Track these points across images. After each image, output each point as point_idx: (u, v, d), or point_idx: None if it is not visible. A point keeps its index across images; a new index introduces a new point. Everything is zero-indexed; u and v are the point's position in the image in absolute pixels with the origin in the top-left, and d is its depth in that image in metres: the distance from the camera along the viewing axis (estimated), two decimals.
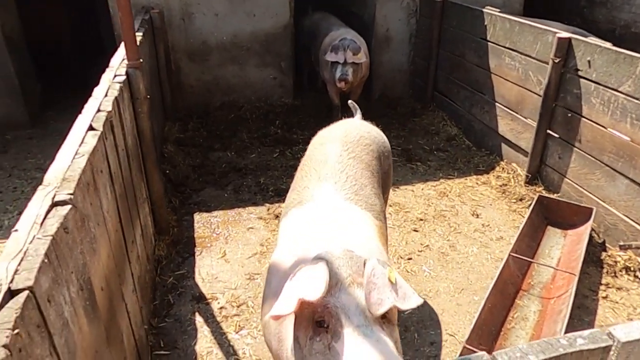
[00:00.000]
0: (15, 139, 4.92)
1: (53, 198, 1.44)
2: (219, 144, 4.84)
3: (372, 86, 5.74)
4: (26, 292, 1.09)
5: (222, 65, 5.39)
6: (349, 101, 2.83)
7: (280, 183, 4.16)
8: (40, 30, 5.98)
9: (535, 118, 3.81)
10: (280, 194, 3.98)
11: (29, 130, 5.09)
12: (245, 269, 3.16)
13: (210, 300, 2.89)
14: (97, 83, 2.54)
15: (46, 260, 1.21)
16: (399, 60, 5.81)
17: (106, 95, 2.29)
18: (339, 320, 1.16)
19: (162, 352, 2.53)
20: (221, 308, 2.83)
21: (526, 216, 3.27)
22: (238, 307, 2.84)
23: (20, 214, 3.73)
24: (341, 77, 4.32)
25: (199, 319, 2.75)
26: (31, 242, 1.25)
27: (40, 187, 1.50)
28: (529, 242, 3.22)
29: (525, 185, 3.96)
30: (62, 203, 1.42)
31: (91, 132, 1.90)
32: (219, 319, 2.76)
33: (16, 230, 1.29)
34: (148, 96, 2.91)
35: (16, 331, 1.00)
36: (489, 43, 4.38)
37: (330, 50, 4.41)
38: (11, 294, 1.10)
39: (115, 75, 2.60)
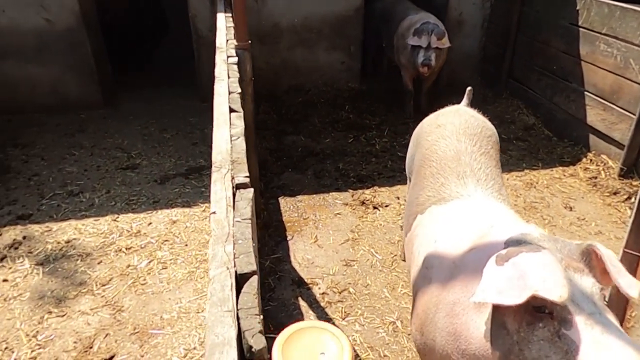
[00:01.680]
0: (90, 119, 4.99)
1: (232, 180, 1.42)
2: (291, 128, 4.81)
3: (440, 72, 5.59)
4: (255, 277, 1.07)
5: (292, 49, 5.33)
6: (468, 88, 2.74)
7: (359, 169, 4.11)
8: (106, 11, 6.02)
9: (634, 109, 3.63)
10: (362, 180, 3.93)
11: (102, 110, 5.16)
12: (340, 255, 3.13)
13: (310, 286, 2.87)
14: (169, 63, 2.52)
15: (254, 245, 1.19)
16: (470, 45, 5.64)
17: (229, 77, 2.26)
18: (566, 307, 1.11)
19: (272, 335, 2.53)
20: (323, 294, 2.81)
21: (634, 210, 3.13)
22: (339, 293, 2.82)
23: (108, 192, 3.78)
24: (424, 62, 4.21)
25: (302, 304, 2.74)
26: (233, 225, 1.23)
27: (214, 169, 1.48)
28: (635, 239, 3.08)
29: (620, 179, 3.80)
30: (244, 186, 1.40)
31: (234, 114, 1.87)
32: (322, 304, 2.74)
33: (214, 213, 1.27)
34: (252, 78, 2.88)
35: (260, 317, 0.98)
36: (580, 29, 4.19)
37: (413, 34, 4.29)
38: (237, 278, 1.08)
39: (227, 57, 2.57)
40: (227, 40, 2.89)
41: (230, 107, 1.92)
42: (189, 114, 5.15)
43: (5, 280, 2.90)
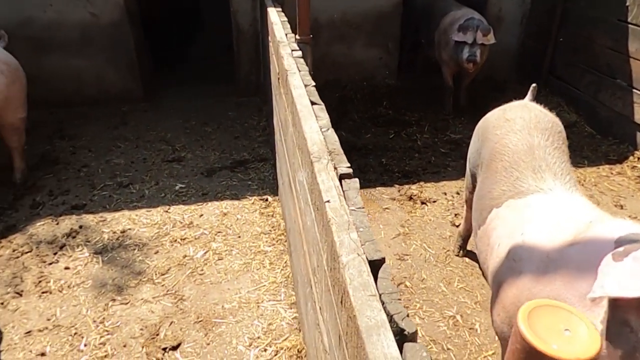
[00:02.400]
0: (132, 112, 5.07)
1: (335, 170, 1.44)
2: (331, 123, 4.82)
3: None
4: (386, 264, 1.09)
5: (330, 44, 5.34)
6: (533, 85, 2.73)
7: (403, 165, 4.11)
8: (145, 6, 6.09)
9: None
10: (407, 176, 3.93)
11: (142, 103, 5.23)
12: (393, 249, 3.15)
13: None
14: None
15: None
16: (508, 41, 5.59)
17: (300, 71, 2.29)
18: None
19: None
20: None
21: None
22: (397, 286, 2.84)
23: (157, 184, 3.83)
24: (470, 58, 4.19)
25: None
26: (352, 212, 1.25)
27: (314, 160, 1.50)
28: None
29: None
30: (348, 176, 1.42)
31: (316, 107, 1.90)
32: None
33: (328, 201, 1.29)
34: (311, 72, 2.89)
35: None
36: (629, 25, 4.13)
37: (457, 30, 4.27)
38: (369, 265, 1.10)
39: (292, 50, 2.60)
40: (287, 34, 2.92)
41: (311, 100, 1.94)
42: (227, 108, 5.20)
43: (67, 268, 2.96)
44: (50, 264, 3.00)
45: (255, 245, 3.14)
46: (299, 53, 2.57)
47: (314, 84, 2.13)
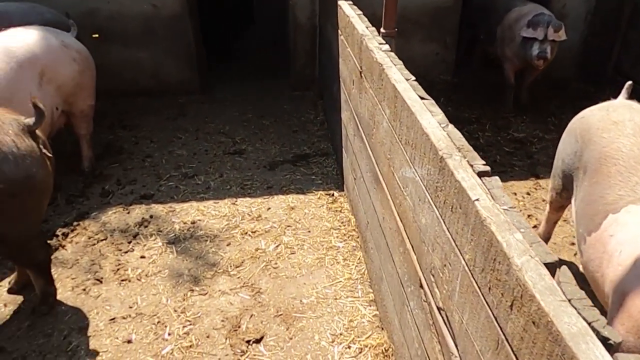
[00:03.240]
0: (188, 103, 5.10)
1: (472, 167, 1.39)
2: None
3: None
4: (565, 267, 1.04)
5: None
6: (628, 82, 2.62)
7: None
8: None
9: None
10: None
11: (198, 95, 5.26)
12: None
13: None
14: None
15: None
16: (570, 38, 5.37)
17: (395, 65, 2.24)
18: None
19: None
20: None
21: None
22: None
23: (221, 176, 3.84)
24: (540, 55, 4.07)
25: None
26: (506, 212, 1.20)
27: (445, 156, 1.45)
28: None
29: None
30: (486, 174, 1.37)
31: (426, 101, 1.85)
32: None
33: (477, 200, 1.25)
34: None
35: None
36: None
37: (527, 25, 4.15)
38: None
39: (380, 44, 2.55)
40: (367, 27, 2.87)
41: (419, 95, 1.89)
42: (281, 101, 5.19)
43: (142, 257, 3.00)
44: (126, 252, 3.04)
45: (327, 240, 3.12)
46: (387, 47, 2.52)
47: (414, 78, 2.08)
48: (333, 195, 3.58)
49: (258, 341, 2.43)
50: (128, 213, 3.39)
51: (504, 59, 4.71)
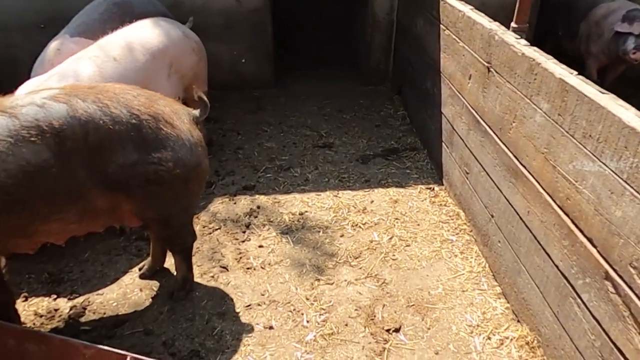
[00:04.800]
0: (264, 97, 5.17)
1: None
2: None
3: None
4: None
5: None
6: None
7: None
8: None
9: None
10: None
11: (273, 89, 5.32)
12: None
13: None
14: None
15: None
16: None
17: (547, 59, 2.25)
18: None
19: None
20: None
21: None
22: None
23: (316, 169, 3.88)
24: (638, 49, 4.04)
25: None
26: None
27: None
28: None
29: None
30: None
31: (608, 95, 1.86)
32: None
33: None
34: None
35: None
36: None
37: (622, 20, 4.12)
38: None
39: (516, 39, 2.56)
40: (490, 22, 2.88)
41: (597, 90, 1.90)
42: (356, 96, 5.22)
43: (260, 246, 3.06)
44: (243, 241, 3.11)
45: (438, 233, 3.15)
46: (525, 41, 2.53)
47: (576, 73, 2.09)
48: (433, 189, 3.60)
49: (397, 330, 2.47)
50: (235, 203, 3.46)
51: (588, 55, 4.68)
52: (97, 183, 2.10)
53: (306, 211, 3.38)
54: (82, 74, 2.80)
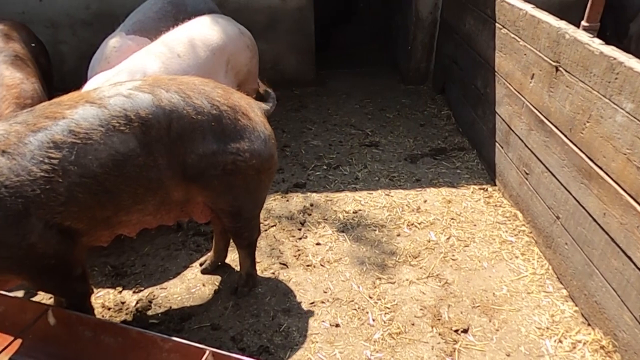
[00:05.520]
0: (305, 95, 5.18)
1: None
2: None
3: None
4: None
5: None
6: None
7: None
8: None
9: None
10: None
11: (313, 87, 5.33)
12: None
13: None
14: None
15: None
16: None
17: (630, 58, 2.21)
18: None
19: None
20: None
21: None
22: None
23: (365, 167, 3.86)
24: None
25: None
26: None
27: None
28: None
29: None
30: None
31: None
32: None
33: None
34: None
35: None
36: None
37: None
38: None
39: (590, 38, 2.52)
40: (557, 20, 2.84)
41: None
42: (397, 95, 5.20)
43: (318, 244, 3.06)
44: (300, 238, 3.11)
45: (496, 234, 3.11)
46: (599, 41, 2.49)
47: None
48: (486, 189, 3.56)
49: (465, 331, 2.45)
50: (287, 201, 3.47)
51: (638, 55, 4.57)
52: (175, 173, 2.13)
53: (360, 209, 3.37)
54: (149, 70, 2.82)
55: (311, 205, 3.42)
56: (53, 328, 2.26)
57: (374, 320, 2.52)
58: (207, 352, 2.05)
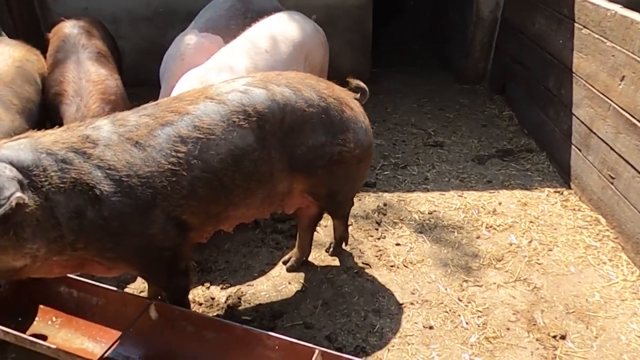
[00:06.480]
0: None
1: None
2: None
3: None
4: None
5: None
6: None
7: None
8: None
9: None
10: None
11: (369, 86, 5.26)
12: None
13: None
14: None
15: None
16: None
17: None
18: None
19: None
20: None
21: None
22: None
23: (433, 167, 3.81)
24: None
25: None
26: None
27: None
28: None
29: None
30: None
31: None
32: None
33: None
34: None
35: None
36: None
37: None
38: None
39: None
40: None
41: None
42: (454, 94, 5.14)
43: (398, 245, 3.04)
44: (379, 238, 3.09)
45: (579, 239, 3.05)
46: None
47: None
48: (562, 193, 3.50)
49: (563, 337, 2.40)
50: (359, 200, 3.45)
51: None
52: (285, 166, 2.16)
53: (435, 210, 3.34)
54: (238, 66, 2.84)
55: (384, 205, 3.40)
56: (154, 322, 2.29)
57: (467, 323, 2.49)
58: (317, 351, 2.05)
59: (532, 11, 4.19)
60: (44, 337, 2.29)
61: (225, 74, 2.74)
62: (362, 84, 2.51)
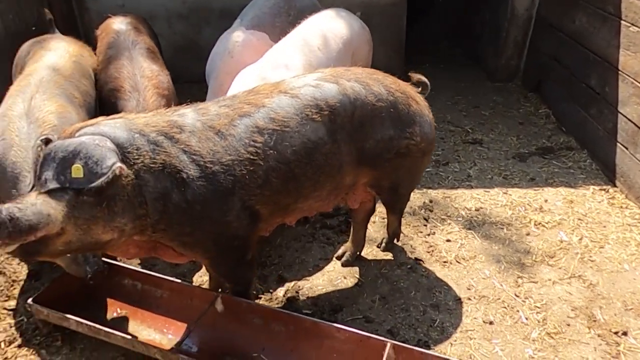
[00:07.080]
0: None
1: None
2: None
3: None
4: None
5: None
6: None
7: None
8: None
9: None
10: None
11: None
12: None
13: None
14: None
15: None
16: None
17: None
18: None
19: None
20: None
21: None
22: None
23: (475, 165, 3.81)
24: None
25: None
26: None
27: None
28: None
29: None
30: None
31: None
32: None
33: None
34: None
35: None
36: None
37: None
38: None
39: None
40: None
41: None
42: (487, 92, 5.13)
43: (448, 241, 3.06)
44: (428, 234, 3.11)
45: (630, 236, 3.05)
46: None
47: None
48: (607, 190, 3.49)
49: (625, 334, 2.41)
50: None
51: None
52: (353, 159, 2.19)
53: (481, 207, 3.35)
54: (292, 63, 2.86)
55: (430, 201, 3.41)
56: (220, 315, 2.32)
57: (527, 319, 2.50)
58: (389, 344, 2.08)
59: (573, 9, 4.18)
60: (113, 329, 2.32)
61: (281, 71, 2.77)
62: (423, 78, 2.52)
